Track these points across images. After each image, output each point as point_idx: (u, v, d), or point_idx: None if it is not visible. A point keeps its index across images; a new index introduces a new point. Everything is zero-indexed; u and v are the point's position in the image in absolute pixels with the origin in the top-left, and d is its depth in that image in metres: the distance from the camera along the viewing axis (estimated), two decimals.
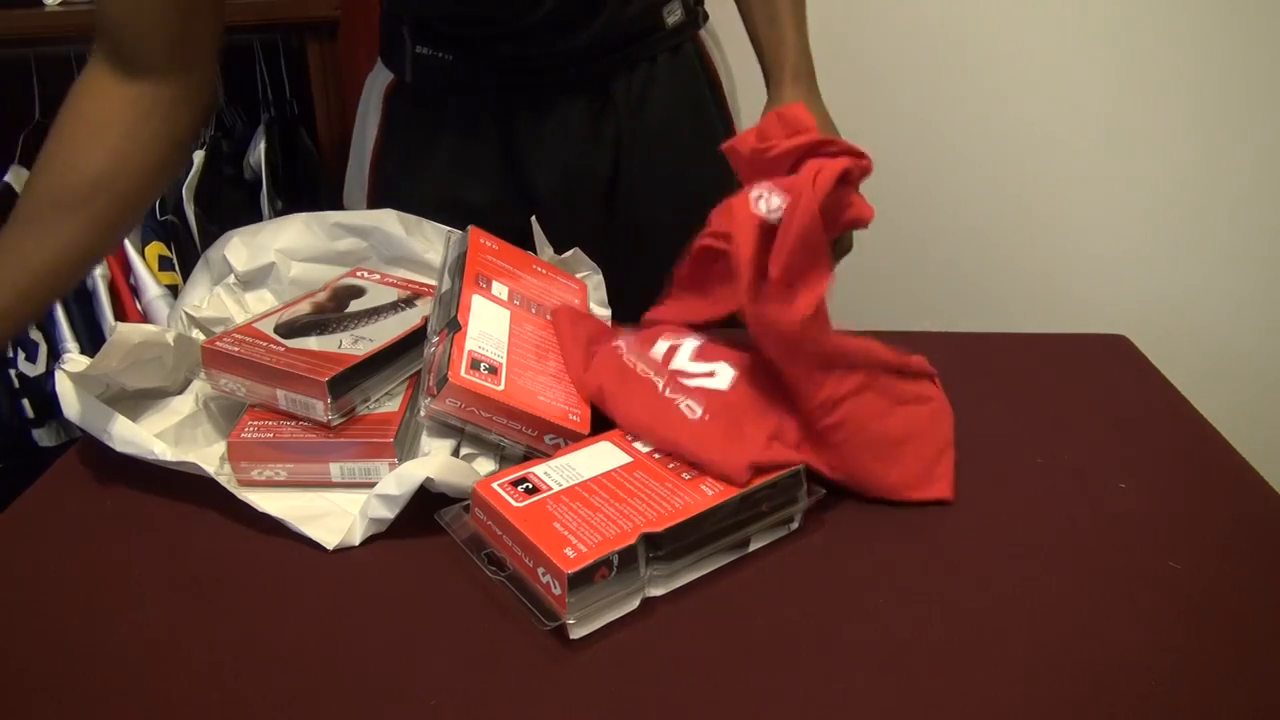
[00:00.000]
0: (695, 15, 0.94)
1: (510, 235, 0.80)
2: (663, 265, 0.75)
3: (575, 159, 0.92)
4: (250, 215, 1.37)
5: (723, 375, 0.67)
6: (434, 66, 0.89)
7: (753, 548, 0.59)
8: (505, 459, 0.66)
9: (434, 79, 0.90)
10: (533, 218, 0.84)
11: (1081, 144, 0.95)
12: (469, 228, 0.78)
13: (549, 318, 0.74)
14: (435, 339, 0.66)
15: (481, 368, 0.63)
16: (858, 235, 0.79)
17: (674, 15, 0.91)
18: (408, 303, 0.76)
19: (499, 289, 0.72)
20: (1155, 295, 0.88)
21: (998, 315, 0.96)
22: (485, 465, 0.65)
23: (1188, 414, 0.75)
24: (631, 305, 0.80)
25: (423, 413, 0.64)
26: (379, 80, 0.96)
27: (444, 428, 0.66)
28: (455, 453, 0.65)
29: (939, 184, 1.13)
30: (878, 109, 1.15)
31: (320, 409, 0.64)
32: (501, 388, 0.63)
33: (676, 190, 0.94)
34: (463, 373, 0.62)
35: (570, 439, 0.64)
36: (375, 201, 0.98)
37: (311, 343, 0.68)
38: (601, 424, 0.66)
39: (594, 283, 0.84)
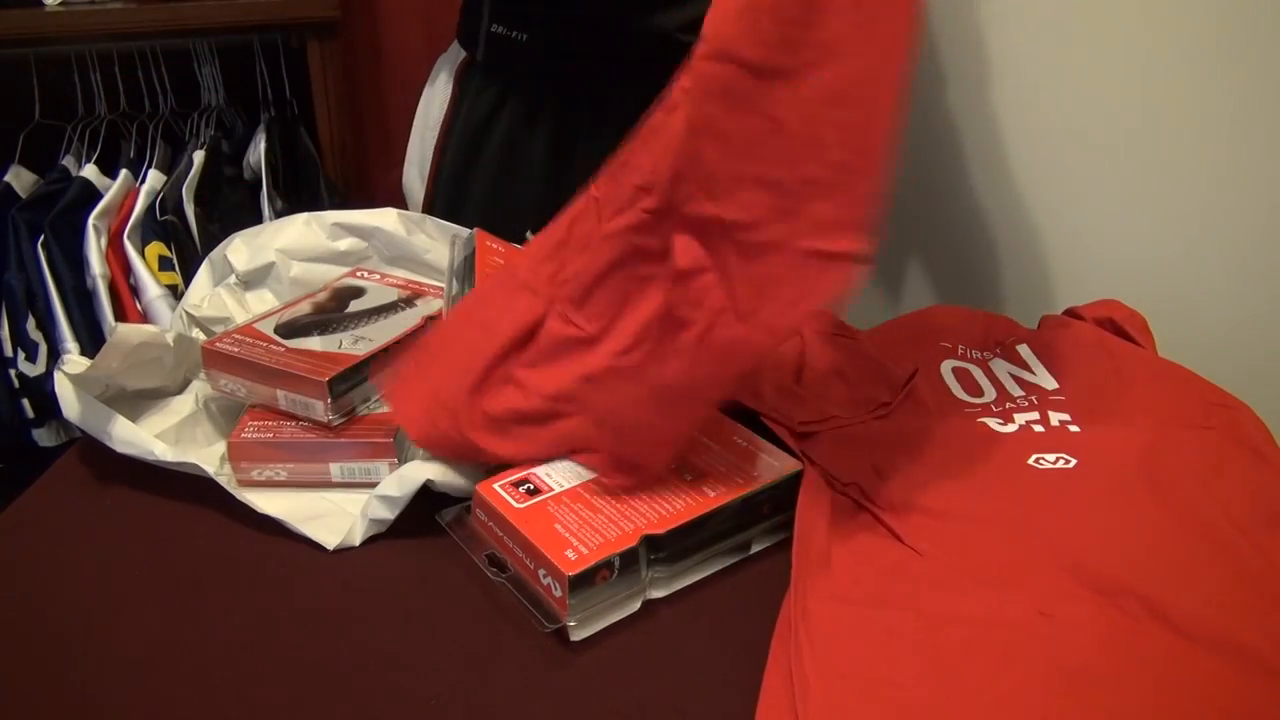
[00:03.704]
0: None
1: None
2: None
3: None
4: (250, 215, 1.37)
5: None
6: (505, 46, 0.89)
7: (754, 550, 0.59)
8: None
9: (504, 59, 0.90)
10: (528, 232, 0.83)
11: (1090, 131, 0.94)
12: (474, 230, 0.78)
13: None
14: None
15: None
16: None
17: None
18: (408, 303, 0.76)
19: None
20: (1161, 283, 0.88)
21: (1002, 302, 0.96)
22: None
23: None
24: None
25: None
26: (451, 59, 0.96)
27: None
28: None
29: (946, 174, 1.13)
30: None
31: (320, 409, 0.63)
32: None
33: None
34: None
35: None
36: (436, 180, 0.98)
37: (312, 343, 0.68)
38: None
39: None
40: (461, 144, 0.96)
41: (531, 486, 0.58)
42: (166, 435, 0.66)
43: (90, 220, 1.26)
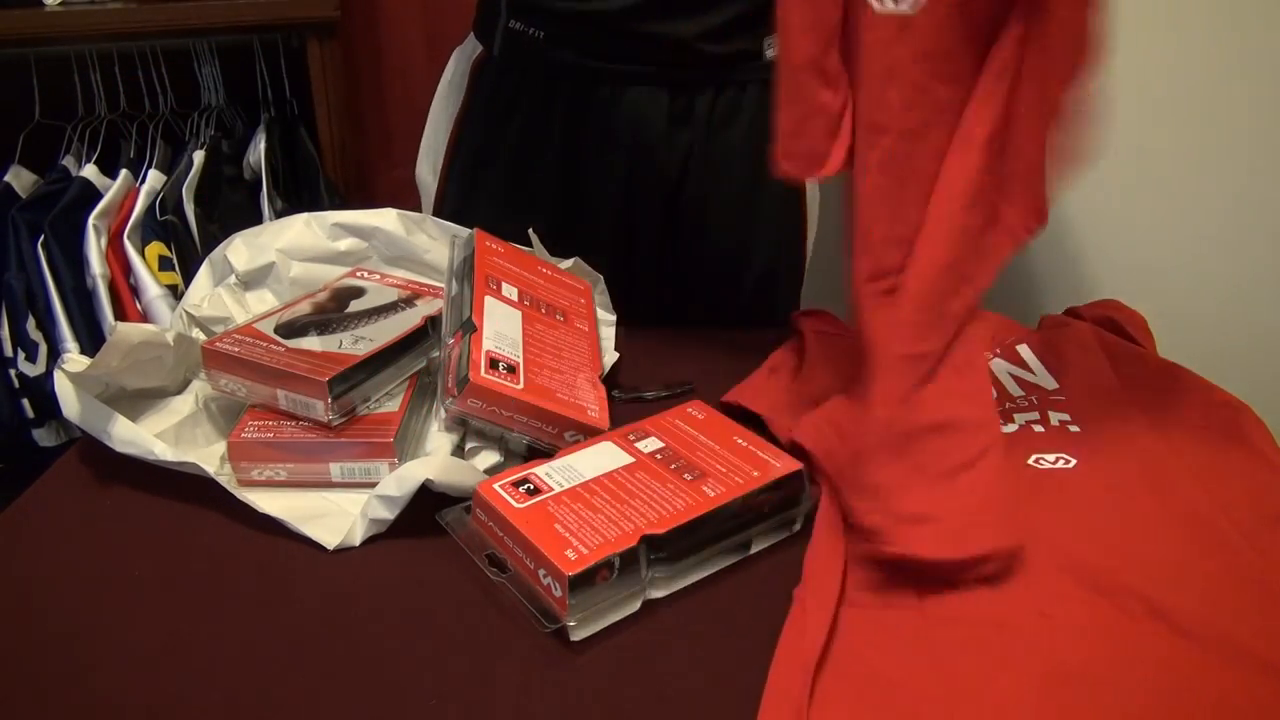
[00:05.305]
0: None
1: (565, 231, 0.80)
2: (711, 284, 0.74)
3: (643, 158, 0.90)
4: (250, 215, 1.37)
5: None
6: (523, 42, 0.89)
7: (754, 550, 0.59)
8: (510, 453, 0.66)
9: (520, 55, 0.90)
10: (530, 230, 0.83)
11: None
12: (474, 230, 0.78)
13: (559, 318, 0.74)
14: (450, 340, 0.67)
15: (500, 367, 0.63)
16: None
17: (773, 49, 0.85)
18: (408, 303, 0.76)
19: (509, 290, 0.73)
20: (1161, 283, 0.88)
21: (1003, 302, 0.96)
22: (489, 459, 0.65)
23: None
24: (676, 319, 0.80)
25: (444, 415, 0.65)
26: (467, 53, 0.96)
27: (451, 421, 0.66)
28: (460, 445, 0.66)
29: None
30: None
31: (320, 409, 0.63)
32: (521, 386, 0.63)
33: (741, 216, 0.92)
34: (483, 373, 0.62)
35: (590, 434, 0.64)
36: (449, 174, 0.98)
37: (312, 343, 0.68)
38: (617, 420, 0.67)
39: (598, 288, 0.84)
40: (475, 139, 0.96)
41: (531, 486, 0.58)
42: (166, 435, 0.66)
43: (90, 220, 1.26)
